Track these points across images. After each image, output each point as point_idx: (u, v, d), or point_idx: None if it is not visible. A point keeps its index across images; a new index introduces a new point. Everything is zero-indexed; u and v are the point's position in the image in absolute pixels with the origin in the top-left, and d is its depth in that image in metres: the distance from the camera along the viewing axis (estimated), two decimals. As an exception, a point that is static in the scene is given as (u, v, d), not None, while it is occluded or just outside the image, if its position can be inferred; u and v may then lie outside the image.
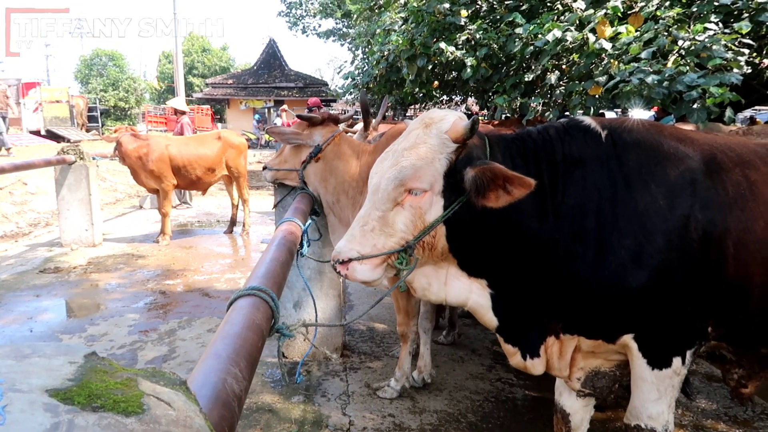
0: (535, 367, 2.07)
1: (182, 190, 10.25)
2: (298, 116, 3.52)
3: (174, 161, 7.72)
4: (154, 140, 7.88)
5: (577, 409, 2.29)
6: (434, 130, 1.85)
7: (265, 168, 3.69)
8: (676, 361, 1.92)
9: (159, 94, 45.97)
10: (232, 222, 8.70)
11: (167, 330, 4.69)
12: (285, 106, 19.10)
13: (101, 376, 0.48)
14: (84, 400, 0.43)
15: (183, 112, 11.19)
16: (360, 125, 3.99)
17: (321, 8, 24.76)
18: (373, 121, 4.11)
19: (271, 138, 25.62)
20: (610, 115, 12.34)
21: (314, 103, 12.17)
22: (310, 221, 2.79)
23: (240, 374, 1.03)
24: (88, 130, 23.82)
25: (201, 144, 8.15)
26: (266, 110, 30.33)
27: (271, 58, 33.29)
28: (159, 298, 5.56)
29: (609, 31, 4.55)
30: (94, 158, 7.77)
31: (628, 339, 1.93)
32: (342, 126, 3.56)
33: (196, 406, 0.51)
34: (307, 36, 29.85)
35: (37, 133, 21.09)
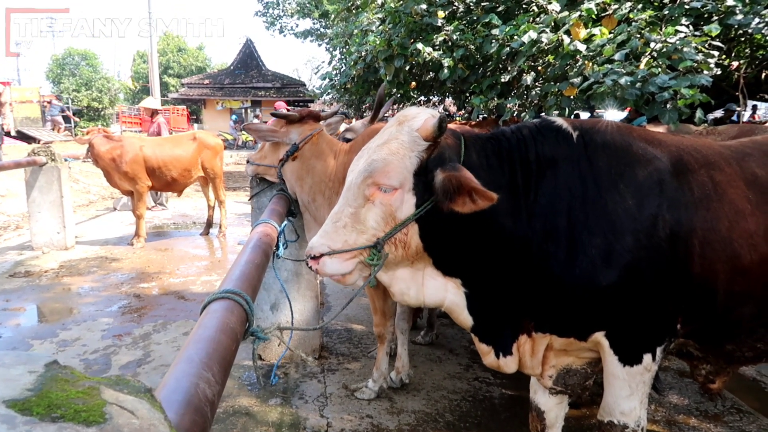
0: (508, 365, 2.10)
1: (158, 192, 10.13)
2: (273, 114, 3.48)
3: (148, 162, 7.62)
4: (128, 141, 7.77)
5: (551, 406, 2.32)
6: (406, 128, 1.86)
7: (248, 162, 3.67)
8: (647, 357, 1.96)
9: (134, 95, 45.31)
10: (209, 224, 8.62)
11: (142, 334, 4.63)
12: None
13: (62, 385, 0.47)
14: (43, 410, 0.43)
15: (157, 111, 11.04)
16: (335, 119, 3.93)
17: (298, 8, 24.66)
18: (353, 122, 4.10)
19: (248, 138, 25.44)
20: (585, 115, 12.52)
21: (279, 107, 12.12)
22: (286, 222, 2.78)
23: (213, 378, 1.03)
24: (59, 130, 23.36)
25: (176, 145, 8.06)
26: (243, 111, 30.11)
27: (248, 58, 33.07)
28: (133, 302, 5.48)
29: (583, 33, 4.61)
30: (66, 160, 7.62)
31: (599, 336, 1.96)
32: (324, 123, 3.54)
33: (161, 414, 0.51)
34: (284, 36, 29.71)
35: (7, 133, 20.61)
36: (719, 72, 5.27)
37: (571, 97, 4.75)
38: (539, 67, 5.49)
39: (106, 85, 33.93)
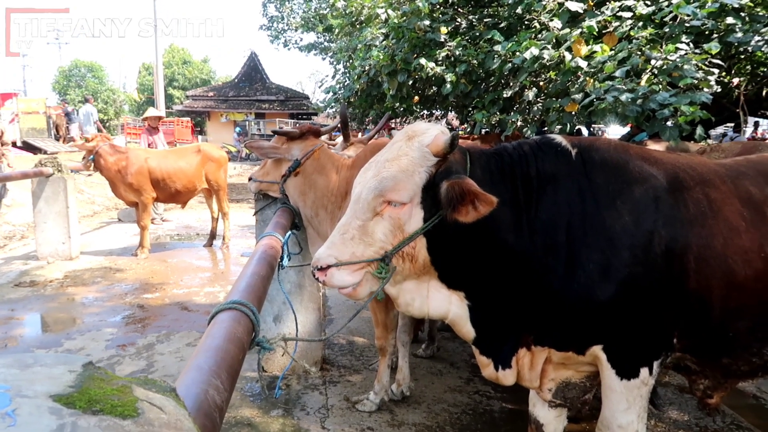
0: (507, 377, 2.13)
1: (155, 206, 10.16)
2: (274, 132, 3.54)
3: (153, 174, 7.70)
4: (133, 153, 7.85)
5: (550, 419, 2.35)
6: (416, 143, 1.90)
7: (250, 179, 3.73)
8: (644, 371, 1.99)
9: (139, 106, 45.64)
10: (212, 235, 8.67)
11: (145, 344, 4.66)
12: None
13: (99, 383, 0.52)
14: (85, 404, 0.47)
15: (160, 120, 11.04)
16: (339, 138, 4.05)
17: (302, 22, 24.86)
18: (358, 135, 4.17)
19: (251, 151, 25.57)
20: (586, 131, 12.58)
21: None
22: (289, 233, 2.83)
23: (221, 386, 1.07)
24: (65, 141, 23.48)
25: (180, 157, 8.14)
26: (247, 123, 30.28)
27: (252, 71, 33.33)
28: (137, 312, 5.52)
29: (584, 49, 4.68)
30: (71, 171, 7.69)
31: (597, 350, 2.00)
32: (324, 138, 3.60)
33: (185, 411, 0.56)
34: (288, 49, 29.96)
35: (13, 144, 20.76)
36: (719, 89, 5.32)
37: (573, 112, 4.81)
38: (541, 83, 5.56)
39: (112, 97, 34.26)
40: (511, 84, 5.73)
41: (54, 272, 6.90)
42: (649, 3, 4.97)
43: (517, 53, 5.00)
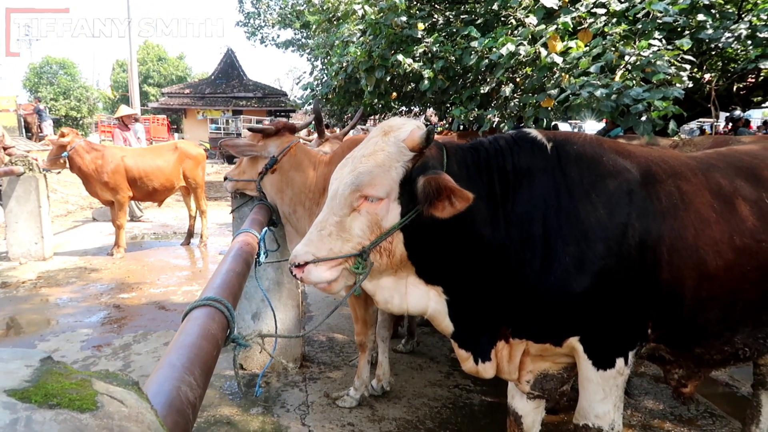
0: (486, 370, 2.14)
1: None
2: (249, 128, 3.51)
3: (130, 173, 7.58)
4: (109, 151, 7.72)
5: (529, 411, 2.37)
6: (392, 138, 1.90)
7: (225, 179, 3.69)
8: (619, 361, 2.02)
9: (113, 104, 44.86)
10: (190, 234, 8.57)
11: (122, 344, 4.59)
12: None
13: (57, 377, 0.51)
14: (41, 399, 0.46)
15: (133, 118, 10.86)
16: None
17: (279, 19, 24.69)
18: (337, 131, 4.16)
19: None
20: (564, 126, 12.72)
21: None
22: (266, 230, 2.81)
23: (194, 382, 1.05)
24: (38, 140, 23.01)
25: (158, 155, 8.03)
26: (224, 120, 30.00)
27: (229, 67, 33.03)
28: (113, 312, 5.43)
29: (560, 46, 4.72)
30: (43, 170, 7.53)
31: (574, 342, 2.02)
32: (301, 134, 3.58)
33: (148, 404, 0.55)
34: (265, 46, 29.72)
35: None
36: (692, 85, 5.41)
37: (549, 108, 4.85)
38: (517, 79, 5.59)
39: (85, 95, 33.51)
40: (488, 80, 5.75)
41: (27, 273, 6.76)
42: (622, 0, 5.04)
43: (494, 49, 5.03)
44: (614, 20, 5.08)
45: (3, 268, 7.00)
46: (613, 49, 4.52)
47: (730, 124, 14.41)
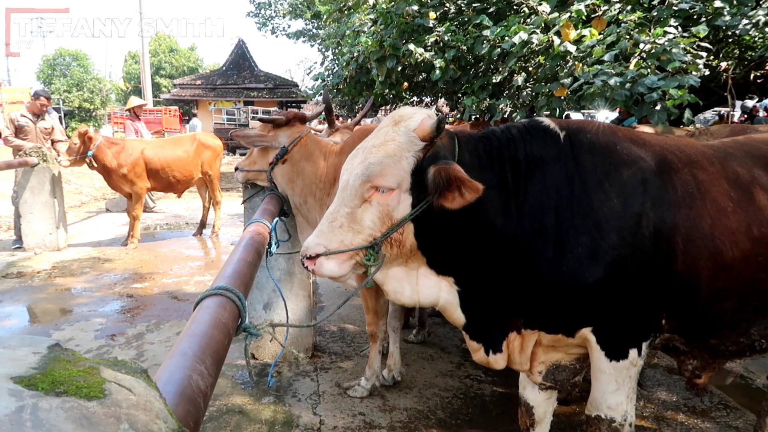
0: (498, 361, 2.13)
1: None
2: (260, 119, 3.49)
3: (150, 164, 7.63)
4: (129, 143, 7.79)
5: (540, 402, 2.36)
6: (402, 128, 1.88)
7: (236, 169, 3.69)
8: (633, 352, 2.00)
9: (125, 95, 45.08)
10: (202, 224, 8.62)
11: (135, 334, 4.63)
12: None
13: (64, 365, 0.50)
14: (48, 386, 0.46)
15: (142, 109, 10.84)
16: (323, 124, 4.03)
17: (290, 9, 24.65)
18: (349, 121, 4.14)
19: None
20: (576, 116, 12.60)
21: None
22: (277, 220, 2.81)
23: (206, 371, 1.05)
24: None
25: (177, 146, 8.07)
26: (235, 111, 30.04)
27: (240, 58, 33.00)
28: (127, 302, 5.48)
29: (573, 34, 4.66)
30: (57, 159, 7.56)
31: (586, 332, 2.00)
32: (312, 124, 3.57)
33: (156, 392, 0.54)
34: (276, 37, 29.72)
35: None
36: (708, 73, 5.32)
37: (562, 97, 4.80)
38: (530, 68, 5.54)
39: (98, 86, 33.72)
40: (500, 69, 5.70)
41: (41, 263, 6.84)
42: (637, -13, 4.96)
43: (506, 38, 4.98)
44: (629, 7, 5.01)
45: (18, 258, 7.08)
46: (628, 36, 4.45)
47: (745, 114, 14.21)
